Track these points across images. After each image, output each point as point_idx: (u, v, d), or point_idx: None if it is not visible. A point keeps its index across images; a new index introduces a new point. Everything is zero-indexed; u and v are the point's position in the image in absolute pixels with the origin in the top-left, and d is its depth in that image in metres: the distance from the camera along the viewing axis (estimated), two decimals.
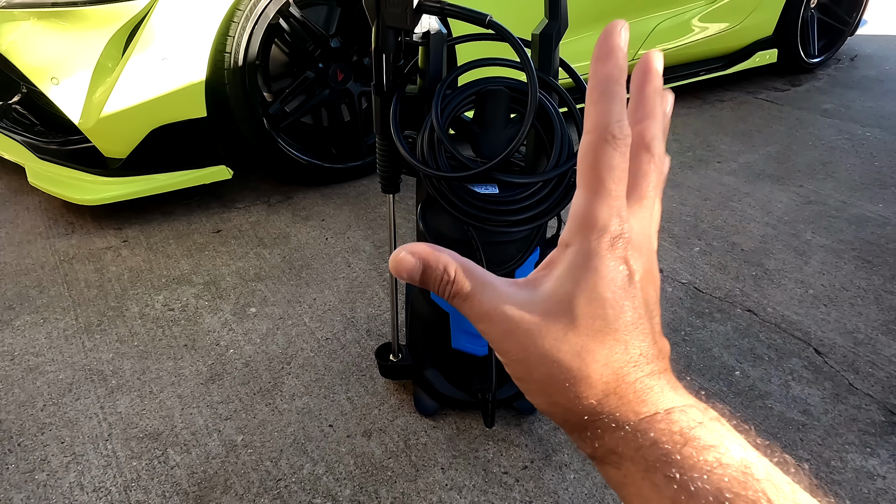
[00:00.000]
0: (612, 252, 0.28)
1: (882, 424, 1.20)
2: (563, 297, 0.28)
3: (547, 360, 0.28)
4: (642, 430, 0.27)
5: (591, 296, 0.28)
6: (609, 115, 0.28)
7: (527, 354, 0.29)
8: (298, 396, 1.24)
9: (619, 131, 0.28)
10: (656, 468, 0.26)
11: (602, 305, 0.28)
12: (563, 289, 0.29)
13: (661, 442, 0.27)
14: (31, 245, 1.76)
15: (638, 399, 0.28)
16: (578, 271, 0.28)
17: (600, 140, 0.28)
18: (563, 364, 0.28)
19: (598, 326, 0.28)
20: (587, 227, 0.28)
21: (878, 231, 1.86)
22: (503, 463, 1.11)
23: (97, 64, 1.67)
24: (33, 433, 1.16)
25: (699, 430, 0.27)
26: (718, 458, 0.26)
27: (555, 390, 0.29)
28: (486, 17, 0.81)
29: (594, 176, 0.28)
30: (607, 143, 0.27)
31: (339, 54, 1.94)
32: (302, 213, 1.93)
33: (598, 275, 0.28)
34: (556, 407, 0.29)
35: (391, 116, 0.91)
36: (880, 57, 3.68)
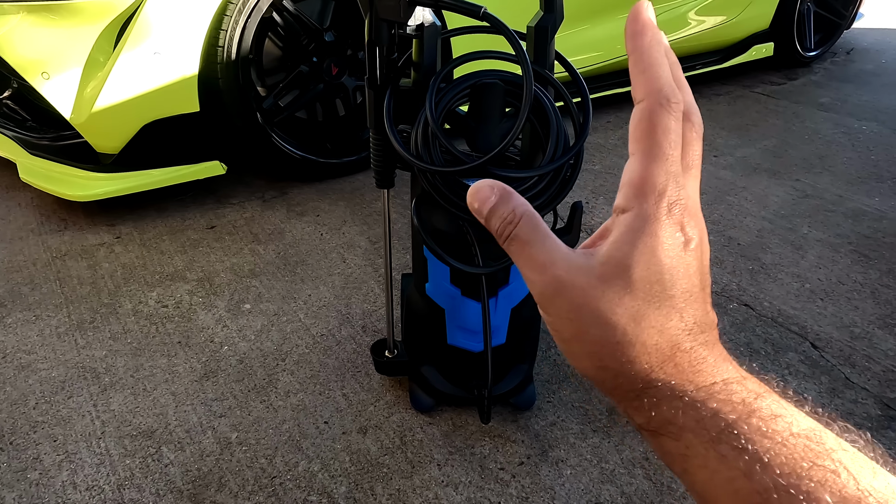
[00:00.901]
0: (670, 217, 0.28)
1: (878, 418, 1.20)
2: (620, 259, 0.28)
3: (601, 321, 0.28)
4: (702, 400, 0.27)
5: (650, 260, 0.28)
6: (660, 81, 0.28)
7: (579, 314, 0.28)
8: (293, 393, 1.23)
9: (672, 95, 0.28)
10: (722, 439, 0.26)
11: (660, 270, 0.28)
12: (621, 251, 0.28)
13: (724, 412, 0.26)
14: (22, 242, 1.74)
15: (694, 368, 0.28)
16: (637, 235, 0.28)
17: (655, 105, 0.28)
18: (617, 326, 0.28)
19: (655, 291, 0.28)
20: (645, 192, 0.28)
21: (874, 225, 1.86)
22: (499, 459, 1.10)
23: (88, 58, 1.65)
24: (25, 431, 1.15)
25: (762, 401, 0.26)
26: (787, 426, 0.25)
27: (606, 353, 0.28)
28: (481, 8, 0.80)
29: (651, 141, 0.28)
30: (662, 107, 0.28)
31: (333, 48, 1.93)
32: (297, 208, 1.92)
33: (657, 239, 0.28)
34: (607, 372, 0.29)
35: (385, 110, 0.90)
36: (877, 50, 3.67)
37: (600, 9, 2.49)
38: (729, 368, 0.28)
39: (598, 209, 1.94)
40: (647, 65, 0.28)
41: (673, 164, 0.28)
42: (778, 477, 0.24)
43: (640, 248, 0.28)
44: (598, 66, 2.57)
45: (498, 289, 1.01)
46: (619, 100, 2.79)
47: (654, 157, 0.28)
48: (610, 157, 2.30)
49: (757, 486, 0.24)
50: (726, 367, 0.28)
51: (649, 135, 0.28)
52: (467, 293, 1.01)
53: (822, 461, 0.24)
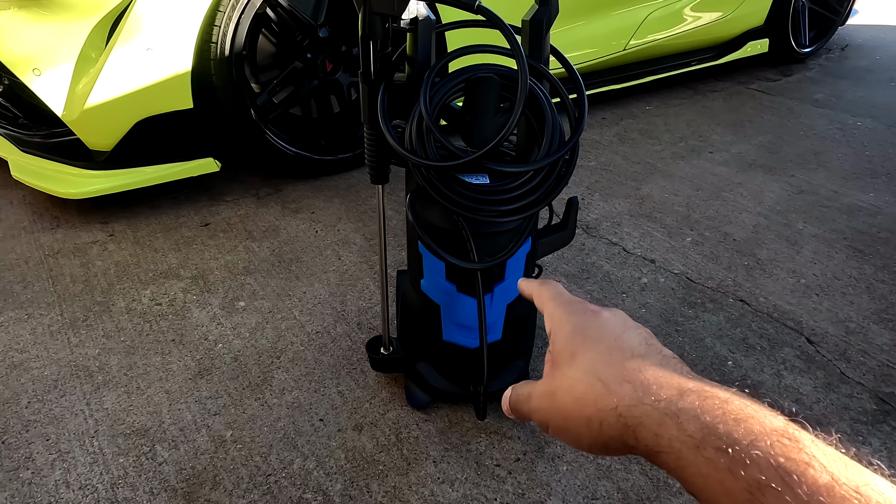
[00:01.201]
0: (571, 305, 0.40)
1: (873, 413, 1.20)
2: (559, 347, 0.37)
3: (567, 393, 0.35)
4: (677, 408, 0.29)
5: (572, 332, 0.37)
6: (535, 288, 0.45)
7: (553, 402, 0.36)
8: (288, 391, 1.23)
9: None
10: (705, 442, 0.28)
11: (583, 331, 0.36)
12: (556, 345, 0.38)
13: (700, 415, 0.28)
14: (14, 240, 1.73)
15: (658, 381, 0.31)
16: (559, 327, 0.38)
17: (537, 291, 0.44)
18: (576, 383, 0.34)
19: (588, 344, 0.35)
20: (541, 305, 0.43)
21: (869, 220, 1.86)
22: (495, 455, 1.10)
23: (80, 54, 1.63)
24: (18, 431, 1.14)
25: (733, 404, 0.28)
26: (761, 428, 0.27)
27: (583, 407, 0.33)
28: (475, 2, 0.79)
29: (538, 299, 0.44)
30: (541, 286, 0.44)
31: (327, 44, 1.92)
32: (291, 205, 1.91)
33: (570, 320, 0.38)
34: (593, 425, 0.33)
35: (379, 105, 0.89)
36: (871, 46, 3.68)
37: (595, 5, 2.48)
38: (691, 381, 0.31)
39: (594, 205, 1.94)
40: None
41: (551, 288, 0.44)
42: (759, 473, 0.25)
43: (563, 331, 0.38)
44: (593, 63, 2.57)
45: (493, 285, 1.01)
46: (615, 96, 2.79)
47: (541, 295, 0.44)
48: (605, 153, 2.30)
49: (744, 484, 0.26)
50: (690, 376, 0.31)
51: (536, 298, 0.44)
52: (463, 289, 1.01)
53: (796, 454, 0.25)
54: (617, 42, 2.60)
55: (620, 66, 2.71)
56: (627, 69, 2.71)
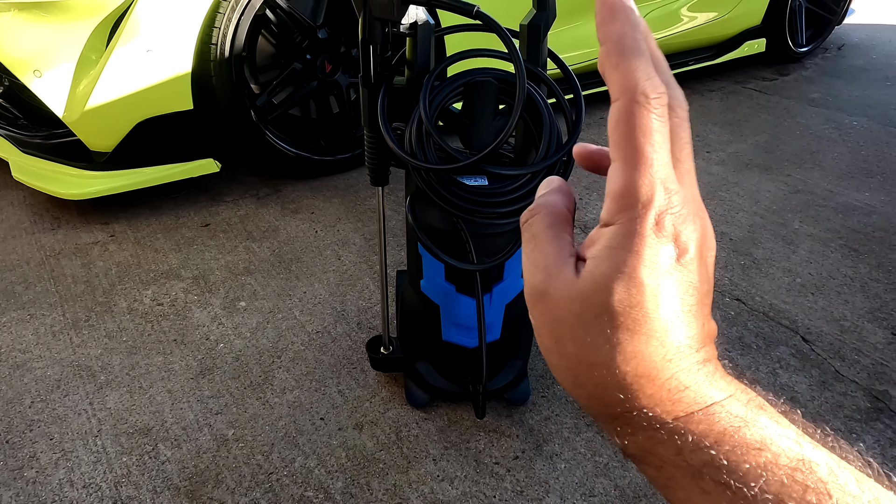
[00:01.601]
0: (658, 231, 0.25)
1: (867, 411, 1.21)
2: (598, 279, 0.25)
3: (576, 338, 0.26)
4: (680, 433, 0.25)
5: (629, 282, 0.25)
6: (636, 74, 0.24)
7: (557, 326, 0.27)
8: (289, 390, 1.24)
9: (651, 89, 0.24)
10: (704, 474, 0.24)
11: (640, 293, 0.25)
12: (599, 270, 0.25)
13: (704, 446, 0.24)
14: (16, 241, 1.73)
15: (672, 398, 0.25)
16: (617, 253, 0.25)
17: (631, 103, 0.24)
18: (591, 347, 0.26)
19: (633, 316, 0.25)
20: (628, 204, 0.25)
21: (864, 220, 1.88)
22: (494, 453, 1.11)
23: (81, 56, 1.64)
24: (22, 430, 1.15)
25: (744, 429, 0.24)
26: (773, 459, 0.23)
27: (581, 372, 0.27)
28: (474, 7, 0.81)
29: (631, 146, 0.25)
30: (640, 105, 0.24)
31: (326, 45, 1.93)
32: (291, 206, 1.92)
33: (639, 259, 0.25)
34: (582, 389, 0.27)
35: (379, 108, 0.91)
36: (867, 46, 3.70)
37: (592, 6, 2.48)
38: (712, 392, 0.25)
39: (592, 205, 1.95)
40: (619, 56, 0.25)
41: (659, 168, 0.25)
42: None
43: (619, 270, 0.25)
44: (592, 63, 2.58)
45: (492, 285, 1.02)
46: None
47: (636, 163, 0.25)
48: None
49: None
50: (709, 390, 0.25)
51: (629, 139, 0.25)
52: (462, 290, 1.02)
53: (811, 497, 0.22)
54: None
55: None
56: None
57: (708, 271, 0.27)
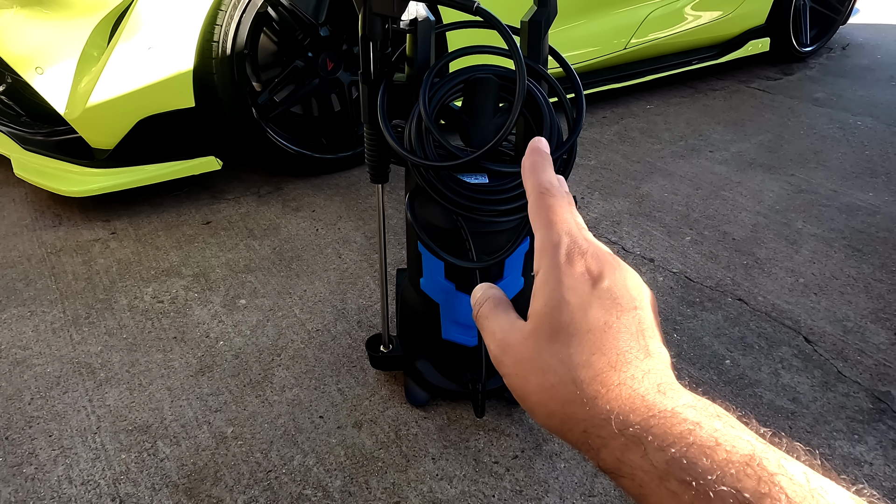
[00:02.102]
0: (569, 264, 0.32)
1: (869, 412, 1.21)
2: (539, 311, 0.32)
3: (536, 368, 0.31)
4: (643, 435, 0.27)
5: (560, 304, 0.31)
6: (541, 178, 0.36)
7: (520, 368, 0.32)
8: (289, 388, 1.24)
9: (550, 184, 0.35)
10: (669, 474, 0.26)
11: (571, 311, 0.31)
12: (538, 304, 0.32)
13: (666, 446, 0.27)
14: (17, 237, 1.74)
15: (629, 402, 0.29)
16: (546, 286, 0.32)
17: (540, 194, 0.35)
18: (549, 370, 0.31)
19: (571, 331, 0.31)
20: (544, 253, 0.33)
21: (868, 220, 1.87)
22: (494, 452, 1.11)
23: (82, 53, 1.64)
24: (21, 427, 1.15)
25: (701, 429, 0.27)
26: (727, 456, 0.26)
27: (548, 398, 0.31)
28: (474, 3, 0.80)
29: (542, 216, 0.34)
30: (544, 193, 0.35)
31: (328, 43, 1.92)
32: (292, 203, 1.92)
33: (561, 284, 0.32)
34: (554, 418, 0.31)
35: (378, 105, 0.90)
36: (872, 46, 3.68)
37: (597, 4, 2.48)
38: (666, 399, 0.29)
39: (594, 204, 1.94)
40: (533, 170, 0.36)
41: (563, 225, 0.34)
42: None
43: (551, 297, 0.32)
44: (593, 62, 2.57)
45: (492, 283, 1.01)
46: (615, 95, 2.79)
47: (546, 225, 0.34)
48: (605, 152, 2.30)
49: None
50: (663, 397, 0.29)
51: (540, 213, 0.34)
52: (461, 288, 1.01)
53: (762, 487, 0.24)
54: (618, 41, 2.60)
55: (621, 65, 2.71)
56: (628, 68, 2.72)
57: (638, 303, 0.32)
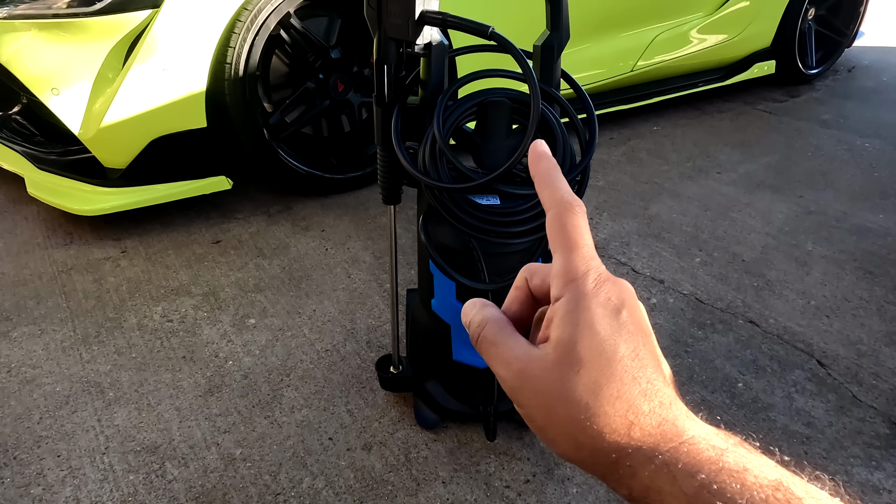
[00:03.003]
0: (596, 294, 0.32)
1: (887, 437, 1.19)
2: (566, 340, 0.31)
3: (564, 401, 0.30)
4: (673, 462, 0.28)
5: (591, 333, 0.31)
6: (560, 191, 0.34)
7: (545, 399, 0.31)
8: (298, 409, 1.23)
9: (572, 199, 0.34)
10: (698, 499, 0.27)
11: (602, 340, 0.30)
12: (566, 333, 0.31)
13: (696, 472, 0.27)
14: (29, 255, 1.75)
15: (659, 431, 0.29)
16: (574, 315, 0.31)
17: (561, 210, 0.34)
18: (580, 402, 0.30)
19: (603, 361, 0.30)
20: (571, 278, 0.32)
21: (879, 241, 1.86)
22: (505, 477, 1.09)
23: (98, 75, 1.67)
24: (29, 446, 1.15)
25: (729, 455, 0.27)
26: (755, 481, 0.26)
27: (577, 430, 0.30)
28: (489, 28, 0.81)
29: (565, 237, 0.33)
30: (567, 210, 0.33)
31: (339, 65, 1.95)
32: (302, 223, 1.93)
33: (592, 314, 0.31)
34: (582, 450, 0.31)
35: (393, 127, 0.91)
36: (878, 68, 3.70)
37: (605, 27, 2.51)
38: (692, 425, 0.30)
39: (603, 225, 1.94)
40: (546, 182, 0.35)
41: (588, 251, 0.33)
42: None
43: (580, 326, 0.31)
44: (602, 83, 2.59)
45: None
46: (622, 116, 2.80)
47: (571, 249, 0.33)
48: (613, 172, 2.31)
49: None
50: (690, 424, 0.30)
51: (563, 233, 0.33)
52: None
53: None
54: (625, 63, 2.63)
55: (628, 87, 2.73)
56: (635, 90, 2.73)
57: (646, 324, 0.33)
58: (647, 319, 0.33)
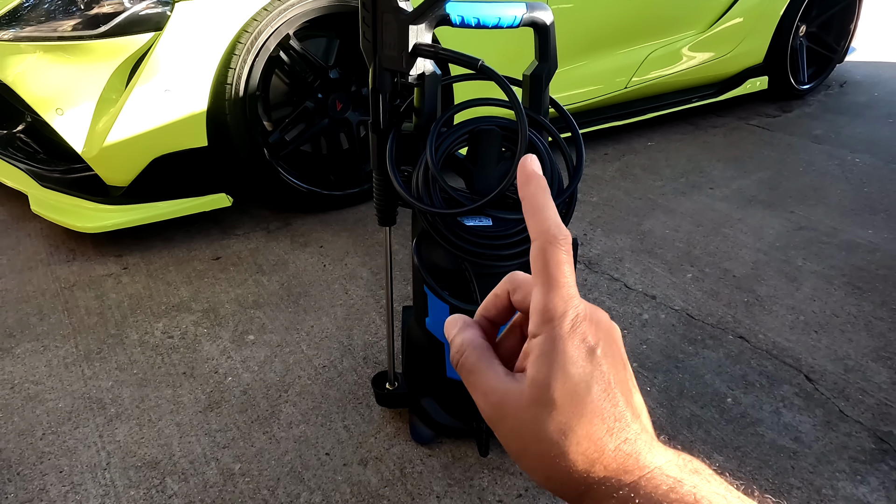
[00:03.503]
0: (572, 334, 0.32)
1: (872, 452, 1.21)
2: (540, 381, 0.32)
3: (537, 438, 0.32)
4: (633, 495, 0.30)
5: (563, 376, 0.32)
6: (547, 222, 0.33)
7: (520, 434, 0.33)
8: (296, 424, 1.26)
9: (558, 232, 0.33)
10: None
11: (574, 384, 0.32)
12: (540, 373, 0.32)
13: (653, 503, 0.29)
14: (32, 272, 1.78)
15: (621, 466, 0.31)
16: (549, 357, 0.32)
17: (545, 244, 0.33)
18: (551, 441, 0.32)
19: (574, 403, 0.31)
20: (549, 318, 0.32)
21: (868, 257, 1.89)
22: (498, 491, 1.12)
23: (101, 95, 1.70)
24: (32, 462, 1.17)
25: (682, 487, 0.30)
26: None
27: (548, 465, 0.32)
28: (479, 61, 0.85)
29: (547, 274, 0.33)
30: (552, 244, 0.33)
31: (337, 84, 1.99)
32: (300, 239, 1.96)
33: (565, 356, 0.32)
34: (553, 482, 0.33)
35: (388, 153, 0.94)
36: (869, 83, 3.75)
37: (600, 45, 2.56)
38: (653, 458, 0.31)
39: (596, 240, 1.97)
40: (534, 210, 0.34)
41: (568, 289, 0.33)
42: None
43: (554, 368, 0.32)
44: (597, 100, 2.64)
45: None
46: (616, 132, 2.85)
47: (552, 287, 0.33)
48: (607, 188, 2.35)
49: None
50: (650, 457, 0.31)
51: (546, 268, 0.33)
52: None
53: None
54: (619, 80, 2.67)
55: (623, 103, 2.78)
56: (629, 106, 2.78)
57: (622, 356, 0.34)
58: (622, 346, 0.35)
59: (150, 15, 1.68)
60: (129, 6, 1.67)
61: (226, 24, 1.74)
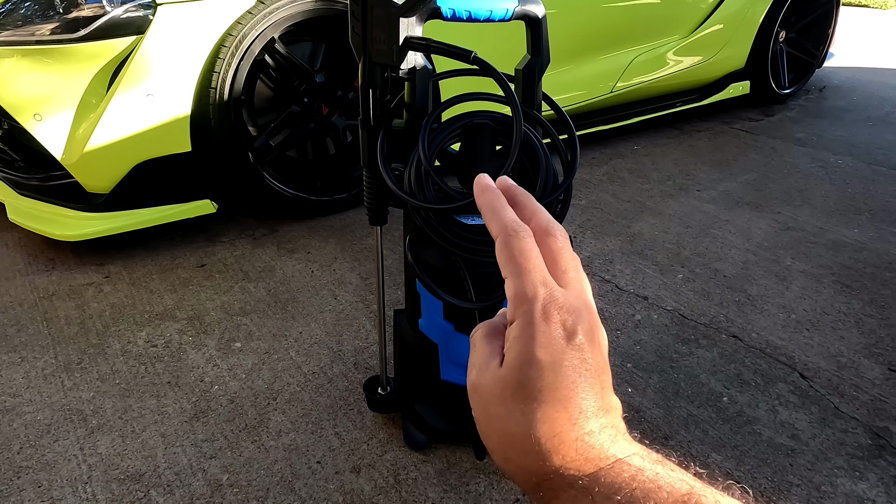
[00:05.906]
0: (545, 319, 0.32)
1: (869, 448, 1.21)
2: (510, 363, 0.33)
3: (500, 416, 0.32)
4: (592, 486, 0.30)
5: (530, 360, 0.32)
6: (504, 220, 0.35)
7: (486, 411, 0.33)
8: (285, 433, 1.22)
9: (517, 226, 0.35)
10: None
11: (541, 368, 0.32)
12: (511, 357, 0.33)
13: (613, 493, 0.29)
14: (9, 282, 1.72)
15: (581, 457, 0.31)
16: (521, 341, 0.32)
17: (506, 237, 0.34)
18: (511, 422, 0.32)
19: (538, 387, 0.31)
20: (519, 303, 0.33)
21: (855, 256, 1.90)
22: (495, 496, 1.09)
23: (81, 100, 1.67)
24: (9, 478, 1.12)
25: (644, 475, 0.29)
26: (667, 497, 0.28)
27: (507, 445, 0.32)
28: (471, 53, 0.83)
29: (513, 263, 0.34)
30: (511, 236, 0.34)
31: (323, 89, 1.97)
32: (287, 245, 1.93)
33: (535, 341, 0.32)
34: (510, 464, 0.33)
35: (378, 150, 0.92)
36: (848, 88, 3.81)
37: (584, 50, 2.57)
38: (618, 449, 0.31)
39: (586, 243, 1.97)
40: (492, 213, 0.36)
41: (536, 274, 0.33)
42: None
43: (523, 352, 0.32)
44: (583, 104, 2.64)
45: None
46: (603, 137, 2.86)
47: (518, 273, 0.33)
48: (596, 192, 2.34)
49: None
50: (616, 448, 0.31)
51: (510, 259, 0.34)
52: (460, 328, 1.02)
53: None
54: (604, 85, 2.68)
55: (608, 108, 2.79)
56: (615, 110, 2.79)
57: (602, 354, 0.34)
58: (604, 342, 0.35)
59: (132, 18, 1.65)
60: (109, 10, 1.64)
61: (209, 27, 1.72)
